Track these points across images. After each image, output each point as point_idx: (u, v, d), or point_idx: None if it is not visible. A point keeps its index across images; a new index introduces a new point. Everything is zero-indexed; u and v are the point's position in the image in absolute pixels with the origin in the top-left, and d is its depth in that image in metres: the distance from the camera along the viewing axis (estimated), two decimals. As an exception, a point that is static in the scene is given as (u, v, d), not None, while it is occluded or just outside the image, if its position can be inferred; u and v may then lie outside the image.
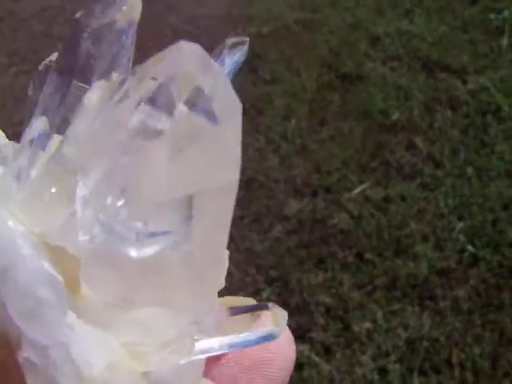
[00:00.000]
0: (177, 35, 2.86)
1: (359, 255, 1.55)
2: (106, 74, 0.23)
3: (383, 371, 1.30)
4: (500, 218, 1.57)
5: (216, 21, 2.93)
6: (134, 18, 0.24)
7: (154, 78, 0.20)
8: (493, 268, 1.45)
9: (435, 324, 1.36)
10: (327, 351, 1.34)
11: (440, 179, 1.73)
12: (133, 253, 0.20)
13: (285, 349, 0.26)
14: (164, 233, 0.20)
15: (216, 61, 0.25)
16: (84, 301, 0.21)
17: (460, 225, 1.58)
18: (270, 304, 0.24)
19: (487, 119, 1.91)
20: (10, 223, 0.20)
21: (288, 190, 1.78)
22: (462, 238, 1.54)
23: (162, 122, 0.20)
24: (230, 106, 0.20)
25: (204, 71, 0.20)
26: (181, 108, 0.20)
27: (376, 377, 1.28)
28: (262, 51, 2.55)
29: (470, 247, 1.51)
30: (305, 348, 1.33)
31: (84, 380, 0.20)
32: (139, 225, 0.20)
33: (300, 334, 1.35)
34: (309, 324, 1.39)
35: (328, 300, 1.44)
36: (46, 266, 0.20)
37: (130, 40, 0.24)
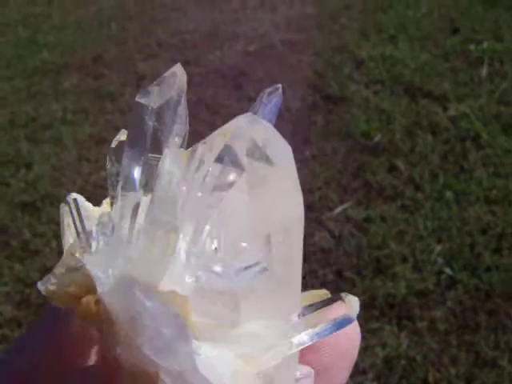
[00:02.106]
0: (162, 48, 2.88)
1: (339, 273, 1.57)
2: (167, 141, 0.29)
3: (360, 388, 1.31)
4: (478, 242, 1.60)
5: (202, 36, 2.96)
6: (184, 87, 0.29)
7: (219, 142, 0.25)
8: (469, 291, 1.49)
9: (412, 343, 1.38)
10: (306, 367, 1.35)
11: (420, 202, 1.76)
12: (231, 284, 0.25)
13: (359, 333, 0.31)
14: (256, 264, 0.25)
15: (258, 110, 0.31)
16: (198, 327, 0.25)
17: (438, 247, 1.61)
18: (343, 294, 0.27)
19: (466, 146, 1.96)
20: (130, 282, 0.25)
21: (271, 206, 1.80)
22: (440, 260, 1.57)
23: (233, 175, 0.25)
24: (282, 151, 0.26)
25: (253, 127, 0.25)
26: (244, 160, 0.25)
27: (353, 394, 1.30)
28: (248, 69, 2.58)
29: (447, 270, 1.54)
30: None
31: None
32: (235, 262, 0.25)
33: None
34: (288, 339, 1.40)
35: (308, 316, 1.45)
36: (166, 309, 0.24)
37: (183, 107, 0.30)
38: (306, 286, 1.01)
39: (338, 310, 0.28)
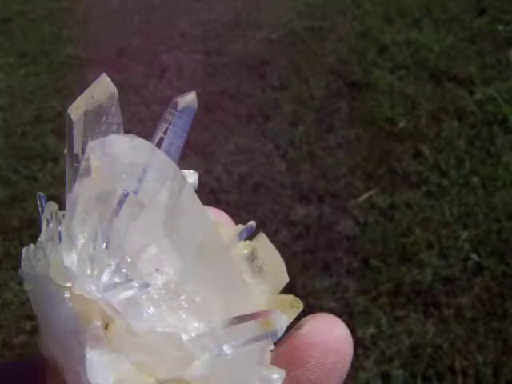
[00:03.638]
0: (185, 39, 2.88)
1: (364, 261, 1.56)
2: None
3: (386, 376, 1.31)
4: (505, 228, 1.58)
5: (225, 26, 2.95)
6: (112, 94, 0.30)
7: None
8: (497, 277, 1.47)
9: (439, 331, 1.37)
10: (331, 355, 1.34)
11: (446, 188, 1.74)
12: (123, 295, 0.26)
13: (351, 350, 0.30)
14: (130, 280, 0.27)
15: (172, 121, 0.31)
16: (113, 333, 0.27)
17: (465, 233, 1.59)
18: (272, 311, 0.28)
19: (494, 130, 1.92)
20: (51, 283, 0.27)
21: (294, 195, 1.80)
22: (466, 246, 1.55)
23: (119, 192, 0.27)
24: (166, 171, 0.28)
25: (135, 152, 0.28)
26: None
27: (379, 382, 1.29)
28: (271, 57, 2.57)
29: (474, 256, 1.52)
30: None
31: None
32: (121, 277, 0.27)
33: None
34: (313, 328, 1.40)
35: (333, 305, 1.45)
36: (70, 311, 0.26)
37: (114, 112, 0.31)
38: (331, 275, 1.02)
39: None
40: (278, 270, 0.32)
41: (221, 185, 1.86)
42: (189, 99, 0.31)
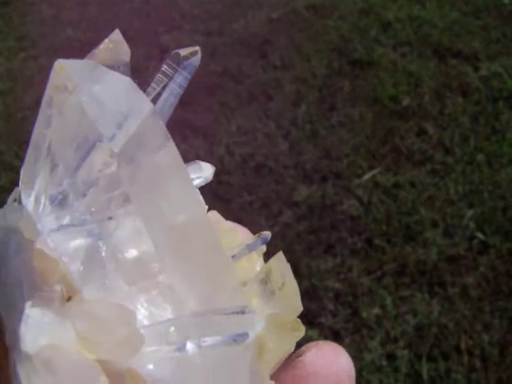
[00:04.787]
0: (185, 19, 2.85)
1: (368, 241, 1.55)
2: None
3: (392, 357, 1.30)
4: (510, 206, 1.56)
5: (225, 6, 2.91)
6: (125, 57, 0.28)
7: None
8: (502, 255, 1.45)
9: (444, 310, 1.36)
10: (336, 336, 1.34)
11: (450, 166, 1.72)
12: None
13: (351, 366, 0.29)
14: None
15: (173, 76, 0.27)
16: (72, 307, 0.24)
17: (470, 212, 1.57)
18: (247, 309, 0.25)
19: (499, 106, 1.89)
20: (18, 235, 0.25)
21: (297, 175, 1.78)
22: (471, 225, 1.54)
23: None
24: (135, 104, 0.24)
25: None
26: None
27: (384, 362, 1.29)
28: (272, 37, 2.54)
29: (479, 234, 1.50)
30: (314, 333, 1.33)
31: (21, 352, 0.23)
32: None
33: (309, 320, 1.35)
34: (318, 309, 1.39)
35: (337, 285, 1.44)
36: (21, 262, 0.24)
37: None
38: (335, 255, 1.00)
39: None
40: (291, 298, 0.28)
41: (223, 166, 1.84)
42: (192, 53, 0.27)
